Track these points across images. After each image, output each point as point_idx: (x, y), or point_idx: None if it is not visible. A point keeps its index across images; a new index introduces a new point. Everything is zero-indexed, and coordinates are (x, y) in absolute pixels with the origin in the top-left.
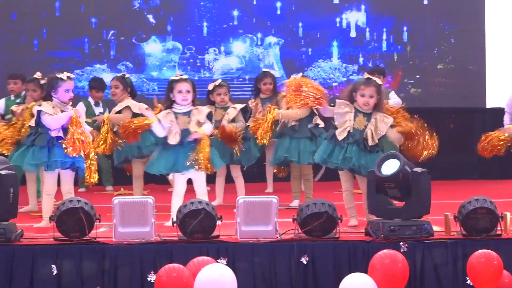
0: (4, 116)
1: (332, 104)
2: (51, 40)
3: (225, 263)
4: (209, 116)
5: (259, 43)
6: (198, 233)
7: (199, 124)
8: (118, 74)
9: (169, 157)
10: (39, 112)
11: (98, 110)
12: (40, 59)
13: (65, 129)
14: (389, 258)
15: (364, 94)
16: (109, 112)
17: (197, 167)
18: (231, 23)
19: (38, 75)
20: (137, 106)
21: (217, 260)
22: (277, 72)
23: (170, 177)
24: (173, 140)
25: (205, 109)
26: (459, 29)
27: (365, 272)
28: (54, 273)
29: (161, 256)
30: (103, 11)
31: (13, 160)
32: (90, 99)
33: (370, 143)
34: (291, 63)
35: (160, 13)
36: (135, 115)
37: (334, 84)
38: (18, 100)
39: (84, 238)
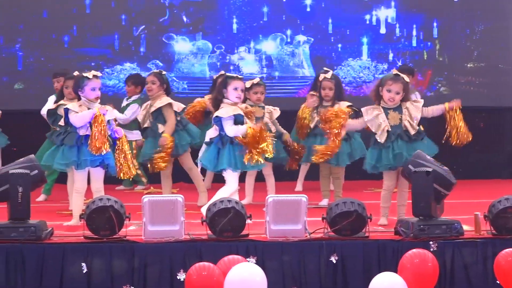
0: None
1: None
2: (81, 37)
3: (255, 262)
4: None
5: (288, 40)
6: (227, 232)
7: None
8: (155, 70)
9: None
10: (66, 110)
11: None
12: (70, 56)
13: None
14: (419, 257)
15: (391, 90)
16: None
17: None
18: (261, 21)
19: (76, 73)
20: (177, 105)
21: (247, 259)
22: (307, 70)
23: None
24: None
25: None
26: (488, 27)
27: (395, 271)
28: (84, 272)
29: (190, 255)
30: (133, 8)
31: (44, 160)
32: None
33: (412, 132)
34: (320, 60)
35: (190, 10)
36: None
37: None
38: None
39: (114, 236)
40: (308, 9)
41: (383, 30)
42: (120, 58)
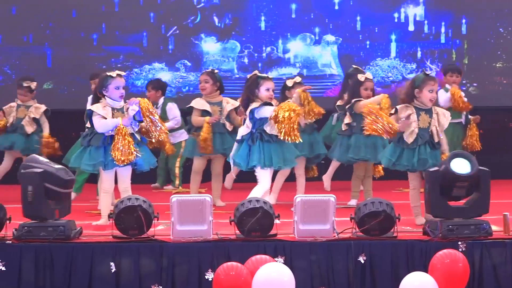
0: None
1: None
2: (110, 35)
3: (283, 261)
4: None
5: (316, 38)
6: (255, 232)
7: None
8: (208, 69)
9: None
10: (90, 112)
11: None
12: (99, 54)
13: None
14: (449, 257)
15: (433, 90)
16: None
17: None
18: (289, 21)
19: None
20: (231, 103)
21: (275, 259)
22: (335, 70)
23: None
24: None
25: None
26: None
27: (423, 271)
28: (113, 271)
29: (218, 255)
30: (161, 6)
31: (72, 162)
32: None
33: (436, 139)
34: (349, 58)
35: (219, 10)
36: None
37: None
38: None
39: (143, 236)
40: (337, 7)
41: (411, 28)
42: (148, 56)
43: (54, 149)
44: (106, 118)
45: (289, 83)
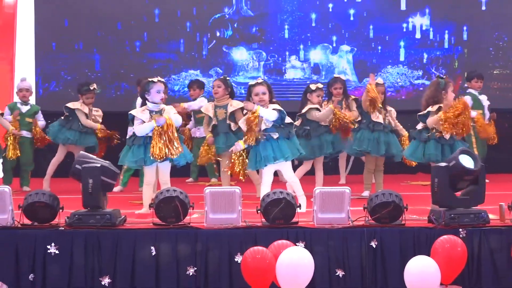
0: None
1: None
2: (151, 42)
3: (303, 246)
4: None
5: (334, 45)
6: (279, 220)
7: None
8: (221, 77)
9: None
10: (131, 116)
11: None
12: (141, 60)
13: None
14: (449, 242)
15: (453, 90)
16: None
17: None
18: (308, 34)
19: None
20: (234, 105)
21: (296, 244)
22: (350, 76)
23: None
24: None
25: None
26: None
27: (428, 255)
28: (153, 254)
29: (246, 240)
30: (197, 16)
31: (120, 161)
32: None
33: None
34: (362, 64)
35: (247, 22)
36: None
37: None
38: None
39: (179, 223)
40: (352, 18)
41: (418, 36)
42: (185, 63)
43: (109, 134)
44: (144, 122)
45: (313, 86)
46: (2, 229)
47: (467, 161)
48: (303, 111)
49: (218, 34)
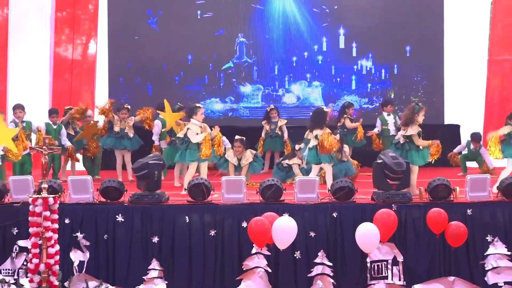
0: None
1: None
2: (186, 78)
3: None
4: None
5: (308, 80)
6: (271, 199)
7: None
8: (240, 138)
9: None
10: (187, 129)
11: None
12: (179, 91)
13: None
14: (385, 213)
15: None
16: None
17: None
18: (291, 74)
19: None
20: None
21: (282, 214)
22: (320, 102)
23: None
24: None
25: None
26: (427, 75)
27: (371, 222)
28: (187, 221)
29: (249, 212)
30: (216, 60)
31: (176, 159)
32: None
33: None
34: (327, 93)
35: (250, 64)
36: None
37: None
38: None
39: (205, 201)
40: (320, 62)
41: (364, 73)
42: (208, 93)
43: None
44: (197, 134)
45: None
46: (86, 205)
47: (393, 162)
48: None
49: (230, 73)
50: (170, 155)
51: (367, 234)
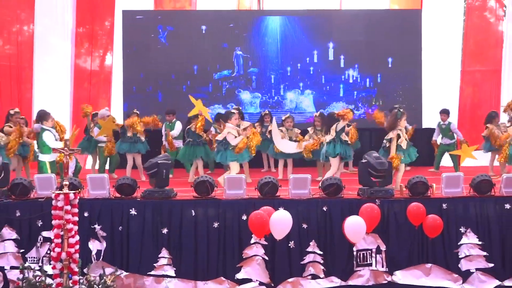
0: None
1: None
2: (192, 86)
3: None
4: None
5: (301, 89)
6: (268, 194)
7: None
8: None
9: None
10: (228, 132)
11: None
12: (186, 98)
13: None
14: (370, 207)
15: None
16: None
17: None
18: (287, 82)
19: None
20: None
21: (278, 208)
22: (312, 108)
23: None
24: None
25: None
26: (406, 87)
27: (357, 215)
28: (193, 215)
29: (249, 206)
30: (219, 71)
31: (217, 159)
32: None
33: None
34: (318, 100)
35: (250, 75)
36: None
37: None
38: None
39: (209, 196)
40: (311, 72)
41: (351, 81)
42: (212, 100)
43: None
44: (235, 136)
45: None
46: (103, 200)
47: (376, 161)
48: None
49: (231, 81)
50: (187, 154)
51: (354, 226)
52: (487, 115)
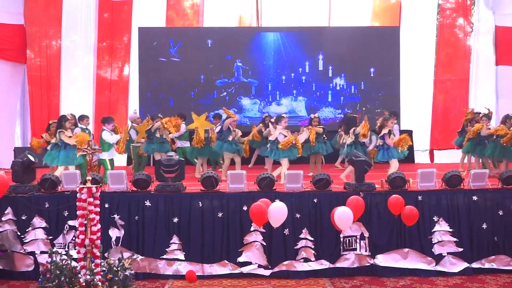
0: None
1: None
2: (199, 93)
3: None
4: None
5: (294, 95)
6: (266, 188)
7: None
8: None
9: None
10: (279, 133)
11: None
12: (194, 104)
13: None
14: (355, 199)
15: (393, 122)
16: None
17: None
18: (282, 90)
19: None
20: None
21: (275, 200)
22: (304, 113)
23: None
24: None
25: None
26: (386, 94)
27: (344, 205)
28: (200, 206)
29: (249, 198)
30: (222, 79)
31: (270, 156)
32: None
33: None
34: (310, 106)
35: (250, 84)
36: None
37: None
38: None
39: (214, 189)
40: (303, 81)
41: (338, 89)
42: (216, 105)
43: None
44: (285, 136)
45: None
46: (121, 193)
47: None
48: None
49: (233, 89)
50: (194, 153)
51: (342, 215)
52: (504, 116)
